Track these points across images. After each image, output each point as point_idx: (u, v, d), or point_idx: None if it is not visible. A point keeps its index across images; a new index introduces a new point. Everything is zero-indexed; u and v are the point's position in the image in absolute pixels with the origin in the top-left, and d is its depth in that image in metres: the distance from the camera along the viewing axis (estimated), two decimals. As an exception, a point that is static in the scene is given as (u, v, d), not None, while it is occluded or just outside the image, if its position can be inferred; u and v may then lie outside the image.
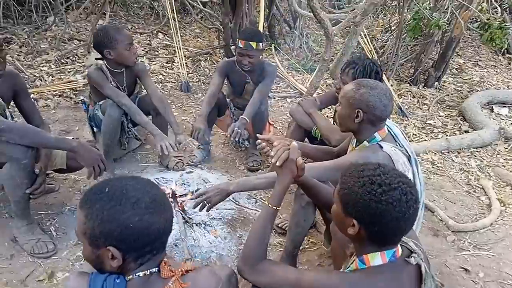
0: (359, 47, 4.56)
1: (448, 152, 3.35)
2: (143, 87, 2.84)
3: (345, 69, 2.37)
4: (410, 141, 3.56)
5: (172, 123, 2.62)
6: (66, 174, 2.62)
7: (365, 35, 4.27)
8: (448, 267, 2.27)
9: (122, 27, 2.65)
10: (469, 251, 2.39)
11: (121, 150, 3.00)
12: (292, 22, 5.54)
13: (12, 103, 2.28)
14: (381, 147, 1.79)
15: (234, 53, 2.95)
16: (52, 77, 4.06)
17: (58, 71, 4.18)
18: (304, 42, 5.24)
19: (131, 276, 1.00)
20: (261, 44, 2.84)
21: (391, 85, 4.55)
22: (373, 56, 4.24)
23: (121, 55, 2.56)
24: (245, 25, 4.29)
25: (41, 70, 4.14)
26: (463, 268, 2.26)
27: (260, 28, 3.89)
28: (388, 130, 1.90)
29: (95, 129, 2.90)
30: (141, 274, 1.00)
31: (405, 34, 4.40)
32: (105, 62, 2.63)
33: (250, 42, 2.76)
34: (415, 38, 4.39)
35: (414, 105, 4.25)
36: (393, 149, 1.81)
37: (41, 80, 3.96)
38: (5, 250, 2.13)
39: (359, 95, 1.76)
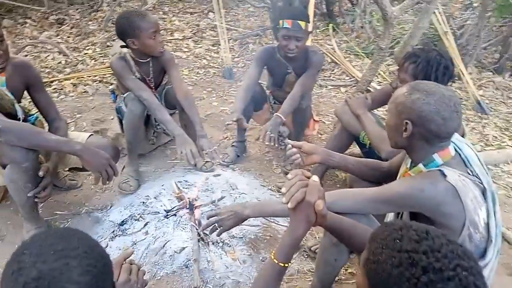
0: (432, 27, 3.88)
1: (539, 164, 2.69)
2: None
3: (404, 64, 1.88)
4: (488, 145, 2.95)
5: (196, 123, 2.32)
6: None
7: (440, 13, 3.58)
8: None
9: (147, 13, 2.36)
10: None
11: (149, 145, 2.79)
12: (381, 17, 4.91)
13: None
14: (445, 175, 1.32)
15: (276, 38, 2.52)
16: (95, 60, 3.96)
17: (102, 55, 4.08)
18: (367, 22, 4.61)
19: None
20: (309, 25, 2.41)
21: (470, 73, 3.84)
22: (449, 38, 3.56)
23: (145, 45, 2.29)
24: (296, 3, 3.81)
25: (85, 54, 4.05)
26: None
27: (311, 7, 3.40)
28: (456, 151, 1.42)
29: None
30: None
31: (490, 13, 3.63)
32: (129, 51, 2.38)
33: (299, 22, 2.34)
34: (502, 17, 3.61)
35: (496, 99, 3.54)
36: (461, 179, 1.34)
37: (83, 64, 3.88)
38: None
39: (411, 102, 1.32)
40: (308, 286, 1.84)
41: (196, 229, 1.98)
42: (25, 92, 2.08)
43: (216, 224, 1.64)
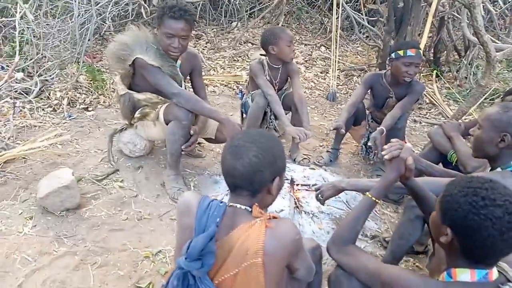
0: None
1: None
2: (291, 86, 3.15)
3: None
4: None
5: (304, 121, 2.85)
6: (213, 145, 3.12)
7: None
8: None
9: (285, 28, 3.02)
10: None
11: (260, 137, 3.37)
12: (463, 51, 5.18)
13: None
14: None
15: (388, 66, 2.98)
16: (224, 69, 4.78)
17: (230, 66, 4.90)
18: (472, 73, 4.84)
19: (231, 204, 1.25)
20: None
21: None
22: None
23: (281, 51, 2.93)
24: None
25: (217, 63, 4.91)
26: None
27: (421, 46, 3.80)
28: (528, 162, 1.73)
29: (244, 115, 3.34)
30: (237, 206, 1.24)
31: None
32: (267, 58, 3.04)
33: (420, 51, 2.79)
34: None
35: None
36: (529, 180, 1.64)
37: (215, 71, 4.71)
38: (155, 190, 2.67)
39: (507, 117, 1.66)
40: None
41: (294, 199, 2.47)
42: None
43: (319, 195, 2.06)
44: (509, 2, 5.19)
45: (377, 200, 1.52)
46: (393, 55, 2.87)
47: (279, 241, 1.17)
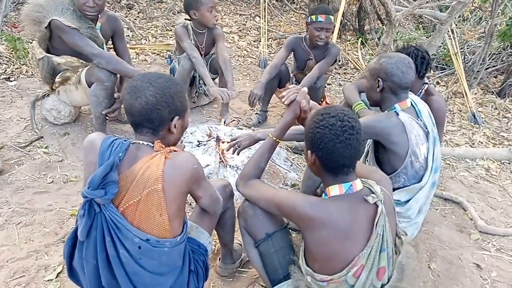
0: (444, 48, 4.41)
1: (509, 163, 3.15)
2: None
3: None
4: (470, 146, 3.44)
5: (228, 82, 2.97)
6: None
7: (453, 36, 4.12)
8: (461, 260, 2.25)
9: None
10: (490, 252, 2.32)
11: (191, 102, 3.46)
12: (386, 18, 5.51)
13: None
14: (397, 114, 1.89)
15: (306, 30, 3.16)
16: (156, 39, 4.75)
17: (162, 36, 4.86)
18: (393, 40, 5.18)
19: (134, 141, 1.35)
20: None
21: (475, 94, 4.34)
22: (458, 59, 4.08)
23: (203, 16, 2.99)
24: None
25: (149, 32, 4.86)
26: (476, 264, 2.22)
27: (339, 18, 4.03)
28: (413, 106, 1.98)
29: (173, 80, 3.40)
30: (140, 142, 1.34)
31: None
32: (191, 22, 3.09)
33: (330, 16, 2.98)
34: (506, 45, 4.09)
35: (492, 115, 4.01)
36: (409, 120, 1.90)
37: (146, 40, 4.67)
38: (82, 155, 2.69)
39: (379, 64, 1.92)
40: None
41: (220, 155, 2.61)
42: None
43: (236, 146, 2.22)
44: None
45: (277, 140, 1.69)
46: (308, 19, 3.06)
47: (177, 169, 1.30)
